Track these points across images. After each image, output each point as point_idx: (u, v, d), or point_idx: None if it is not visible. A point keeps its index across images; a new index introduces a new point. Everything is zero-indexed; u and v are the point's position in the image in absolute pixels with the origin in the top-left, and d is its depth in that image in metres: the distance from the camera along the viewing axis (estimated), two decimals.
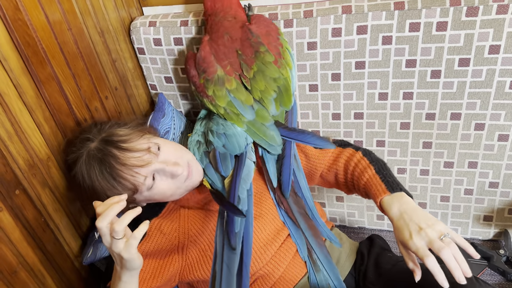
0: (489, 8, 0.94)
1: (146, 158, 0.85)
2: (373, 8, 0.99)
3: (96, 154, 0.84)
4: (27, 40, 0.84)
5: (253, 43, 0.97)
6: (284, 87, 0.98)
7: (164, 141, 0.92)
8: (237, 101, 0.97)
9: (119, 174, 0.83)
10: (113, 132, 0.88)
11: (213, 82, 0.97)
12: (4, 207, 0.80)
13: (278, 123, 0.98)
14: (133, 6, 1.17)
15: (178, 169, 0.86)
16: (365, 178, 0.93)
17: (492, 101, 1.04)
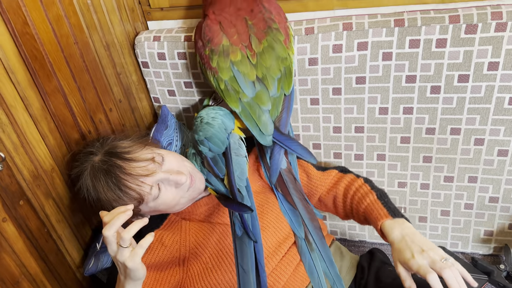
0: (487, 25, 0.96)
1: (151, 168, 0.86)
2: (374, 25, 1.01)
3: (101, 166, 0.85)
4: (35, 54, 0.86)
5: (266, 18, 0.96)
6: (288, 69, 0.98)
7: (167, 151, 0.93)
8: (239, 75, 0.95)
9: (125, 184, 0.84)
10: (115, 144, 0.89)
11: (217, 53, 0.95)
12: (8, 217, 0.81)
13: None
14: (138, 21, 1.20)
15: (182, 177, 0.87)
16: (366, 203, 0.95)
17: (491, 116, 1.05)
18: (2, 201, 0.80)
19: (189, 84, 1.18)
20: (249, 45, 0.95)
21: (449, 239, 1.26)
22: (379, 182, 1.22)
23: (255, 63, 0.95)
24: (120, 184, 0.84)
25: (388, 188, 1.22)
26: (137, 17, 1.19)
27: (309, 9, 1.09)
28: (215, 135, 0.96)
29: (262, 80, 0.96)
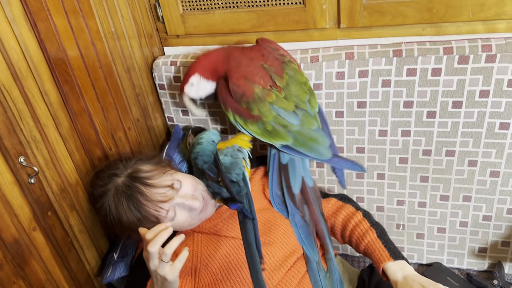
0: (478, 57, 1.04)
1: (169, 194, 0.93)
2: (374, 55, 1.10)
3: (124, 190, 0.91)
4: (65, 78, 0.94)
5: (277, 56, 1.05)
6: (311, 89, 1.06)
7: (183, 175, 1.00)
8: (281, 111, 1.02)
9: (145, 209, 0.91)
10: (138, 168, 0.95)
11: (255, 101, 1.02)
12: (38, 227, 0.89)
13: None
14: (156, 46, 1.29)
15: (196, 203, 0.95)
16: (366, 241, 1.03)
17: (483, 140, 1.13)
18: (33, 211, 0.87)
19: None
20: (274, 84, 1.03)
21: (445, 255, 1.33)
22: (379, 200, 1.29)
23: (284, 96, 1.02)
24: (141, 209, 0.91)
25: (387, 205, 1.30)
26: (154, 43, 1.28)
27: (314, 39, 1.19)
28: (204, 148, 1.04)
29: (298, 107, 1.03)
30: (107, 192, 0.93)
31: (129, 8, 1.16)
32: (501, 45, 1.03)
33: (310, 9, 1.13)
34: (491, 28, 1.08)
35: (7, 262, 0.81)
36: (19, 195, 0.84)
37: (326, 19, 1.14)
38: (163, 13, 1.23)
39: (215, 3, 1.19)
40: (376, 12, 1.10)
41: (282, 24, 1.17)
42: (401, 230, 1.33)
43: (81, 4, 0.97)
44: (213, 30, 1.22)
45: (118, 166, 0.95)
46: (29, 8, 0.85)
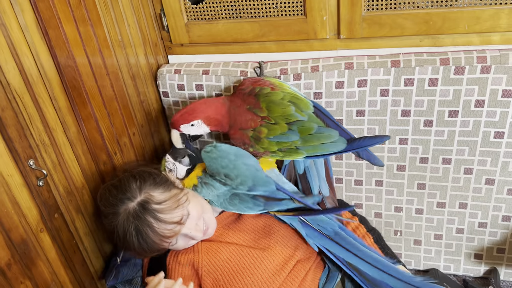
0: (474, 68, 1.08)
1: (177, 230, 0.95)
2: (372, 65, 1.13)
3: (134, 220, 0.92)
4: (74, 84, 0.98)
5: (249, 92, 1.09)
6: (294, 97, 1.08)
7: (192, 200, 1.01)
8: (278, 137, 1.07)
9: (151, 242, 0.94)
10: (151, 195, 0.95)
11: (255, 143, 1.09)
12: (45, 228, 0.91)
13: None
14: (160, 54, 1.32)
15: (199, 234, 1.00)
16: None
17: (479, 148, 1.16)
18: (41, 213, 0.90)
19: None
20: (258, 117, 1.07)
21: (442, 262, 1.35)
22: (377, 207, 1.32)
23: (273, 122, 1.07)
24: (147, 240, 0.93)
25: (385, 212, 1.32)
26: (159, 51, 1.32)
27: (315, 49, 1.22)
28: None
29: (290, 122, 1.06)
30: (117, 214, 0.94)
31: (136, 17, 1.19)
32: (496, 56, 1.07)
33: (311, 20, 1.17)
34: (486, 40, 1.12)
35: (15, 262, 0.83)
36: (28, 197, 0.86)
37: (327, 30, 1.18)
38: (168, 23, 1.27)
39: (218, 14, 1.22)
40: (375, 24, 1.14)
41: (284, 34, 1.21)
42: (399, 236, 1.35)
43: (89, 13, 1.00)
44: (217, 40, 1.26)
45: (131, 187, 0.95)
46: (41, 16, 0.89)
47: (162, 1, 1.24)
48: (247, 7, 1.19)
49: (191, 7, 1.24)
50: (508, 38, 1.10)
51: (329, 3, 1.14)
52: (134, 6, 1.18)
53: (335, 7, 1.14)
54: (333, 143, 1.06)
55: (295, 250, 1.06)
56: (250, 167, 1.06)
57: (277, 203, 1.06)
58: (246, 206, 1.06)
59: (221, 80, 1.23)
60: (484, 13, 1.07)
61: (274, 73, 1.20)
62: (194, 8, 1.24)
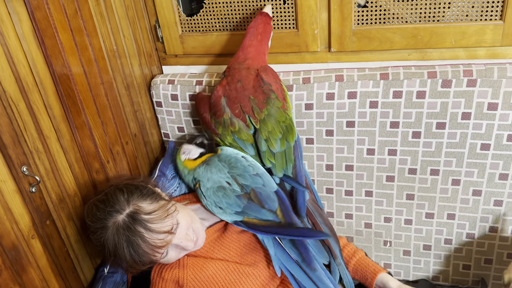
0: (460, 81, 1.11)
1: (168, 239, 0.94)
2: (362, 78, 1.16)
3: (124, 231, 0.91)
4: (69, 92, 0.99)
5: (265, 90, 1.11)
6: (289, 126, 1.12)
7: (181, 211, 1.01)
8: (239, 141, 1.11)
9: (142, 253, 0.92)
10: (139, 206, 0.94)
11: (221, 124, 1.12)
12: (37, 235, 0.91)
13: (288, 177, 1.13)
14: (155, 65, 1.34)
15: (190, 244, 0.99)
16: (357, 258, 1.15)
17: (466, 160, 1.19)
18: (33, 220, 0.90)
19: (197, 122, 1.31)
20: (252, 114, 1.10)
21: (431, 272, 1.36)
22: (367, 217, 1.34)
23: (258, 127, 1.10)
24: (138, 252, 0.92)
25: (375, 222, 1.34)
26: (153, 62, 1.34)
27: (306, 61, 1.25)
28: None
29: (266, 141, 1.10)
30: (106, 228, 0.92)
31: (131, 28, 1.21)
32: (481, 70, 1.10)
33: (302, 34, 1.20)
34: (472, 55, 1.16)
35: (5, 268, 0.83)
36: (20, 203, 0.87)
37: (318, 43, 1.21)
38: (163, 34, 1.29)
39: (212, 26, 1.25)
40: (364, 38, 1.17)
41: (276, 47, 1.23)
42: (388, 247, 1.36)
43: (86, 23, 1.02)
44: (211, 51, 1.28)
45: (119, 200, 0.94)
46: (38, 25, 0.90)
47: (157, 13, 1.26)
48: (240, 19, 1.22)
49: (185, 19, 1.26)
50: (493, 52, 1.14)
51: (320, 18, 1.17)
52: (129, 17, 1.21)
53: (326, 21, 1.18)
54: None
55: None
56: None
57: (258, 208, 1.05)
58: (226, 203, 1.06)
59: None
60: (470, 28, 1.11)
61: None
62: (188, 20, 1.26)
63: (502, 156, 1.16)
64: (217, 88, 1.14)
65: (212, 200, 1.08)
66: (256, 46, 1.14)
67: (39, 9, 0.90)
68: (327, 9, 1.16)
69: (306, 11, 1.16)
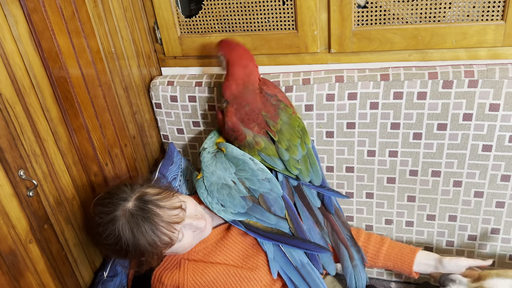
0: (461, 82, 1.10)
1: (182, 215, 0.95)
2: (362, 79, 1.15)
3: (139, 212, 0.90)
4: (66, 95, 0.98)
5: (274, 102, 1.11)
6: (304, 129, 1.13)
7: (185, 197, 1.02)
8: (267, 157, 1.11)
9: (162, 230, 0.91)
10: (145, 191, 0.95)
11: (245, 146, 1.12)
12: (34, 239, 0.90)
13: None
14: (153, 66, 1.34)
15: (201, 222, 0.99)
16: (387, 244, 1.13)
17: (467, 161, 1.18)
18: (30, 224, 0.89)
19: (197, 124, 1.31)
20: (268, 128, 1.10)
21: None
22: (367, 219, 1.33)
23: (277, 139, 1.10)
24: (157, 231, 0.91)
25: (376, 224, 1.33)
26: (152, 63, 1.33)
27: (306, 62, 1.24)
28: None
29: (287, 150, 1.10)
30: (118, 217, 0.91)
31: (129, 29, 1.20)
32: (483, 71, 1.09)
33: (302, 35, 1.19)
34: (473, 55, 1.15)
35: (2, 273, 0.82)
36: (18, 207, 0.86)
37: (318, 44, 1.20)
38: (162, 35, 1.28)
39: (211, 27, 1.24)
40: (364, 39, 1.16)
41: (276, 48, 1.22)
42: None
43: (83, 25, 1.01)
44: (210, 52, 1.28)
45: (123, 190, 0.94)
46: (34, 28, 0.90)
47: (155, 14, 1.25)
48: (239, 21, 1.21)
49: (184, 20, 1.25)
50: (494, 53, 1.13)
51: (320, 18, 1.16)
52: (128, 18, 1.20)
53: (326, 22, 1.17)
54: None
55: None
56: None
57: (262, 212, 1.05)
58: (230, 202, 1.05)
59: (214, 92, 1.24)
60: (471, 28, 1.10)
61: None
62: (187, 22, 1.26)
63: (504, 157, 1.15)
64: (228, 116, 1.12)
65: (214, 196, 1.07)
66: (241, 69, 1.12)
67: (35, 11, 0.89)
68: (326, 10, 1.15)
69: (306, 12, 1.15)
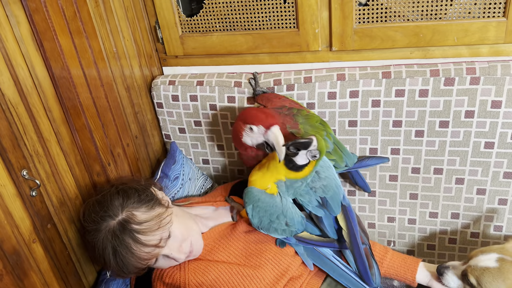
0: (463, 79, 1.10)
1: (155, 253, 0.94)
2: (364, 76, 1.15)
3: (113, 240, 0.91)
4: (68, 95, 0.98)
5: (287, 113, 1.08)
6: (322, 121, 1.12)
7: (178, 221, 1.00)
8: (326, 161, 1.07)
9: (127, 263, 0.92)
10: (132, 214, 0.93)
11: None
12: (38, 239, 0.91)
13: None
14: (155, 66, 1.34)
15: (180, 257, 0.97)
16: (390, 253, 1.12)
17: (469, 158, 1.18)
18: (33, 224, 0.90)
19: (198, 123, 1.31)
20: (295, 137, 1.05)
21: None
22: (370, 217, 1.33)
23: None
24: (123, 262, 0.92)
25: (378, 222, 1.33)
26: (154, 63, 1.33)
27: (308, 60, 1.24)
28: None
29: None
30: (98, 231, 0.93)
31: (130, 29, 1.21)
32: (485, 68, 1.09)
33: (303, 33, 1.19)
34: (475, 52, 1.14)
35: (7, 273, 0.82)
36: (21, 207, 0.86)
37: (319, 42, 1.20)
38: (163, 35, 1.28)
39: (213, 26, 1.24)
40: (366, 36, 1.16)
41: (277, 47, 1.22)
42: (392, 246, 1.35)
43: (85, 25, 1.01)
44: (211, 52, 1.28)
45: (113, 205, 0.94)
46: (36, 28, 0.90)
47: (157, 13, 1.25)
48: (240, 20, 1.22)
49: (185, 19, 1.26)
50: (496, 50, 1.13)
51: (321, 16, 1.16)
52: (129, 18, 1.20)
53: (327, 20, 1.17)
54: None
55: (287, 268, 1.03)
56: (337, 181, 1.07)
57: (312, 227, 1.06)
58: (297, 221, 1.03)
59: (215, 91, 1.24)
60: (473, 25, 1.10)
61: (268, 83, 1.22)
62: (188, 21, 1.26)
63: (506, 154, 1.15)
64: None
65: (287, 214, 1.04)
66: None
67: (37, 12, 0.89)
68: (328, 8, 1.15)
69: (307, 10, 1.15)
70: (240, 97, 1.23)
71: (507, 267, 0.93)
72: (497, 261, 0.94)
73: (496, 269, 0.93)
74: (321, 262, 1.07)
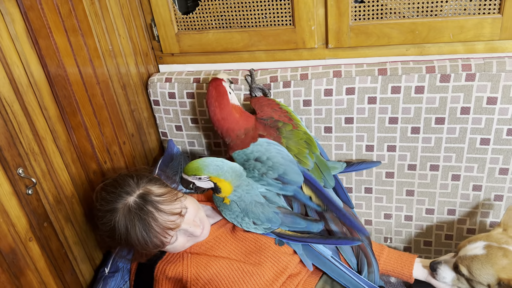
0: (459, 76, 1.10)
1: (178, 222, 0.95)
2: (360, 73, 1.15)
3: (136, 211, 0.92)
4: (64, 93, 0.98)
5: (271, 125, 1.10)
6: (308, 139, 1.12)
7: (188, 200, 1.01)
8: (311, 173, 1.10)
9: (154, 233, 0.92)
10: (149, 189, 0.95)
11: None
12: (34, 237, 0.90)
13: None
14: (151, 64, 1.33)
15: (197, 230, 0.99)
16: (386, 251, 1.14)
17: (465, 155, 1.18)
18: (30, 222, 0.89)
19: (195, 121, 1.31)
20: None
21: None
22: (367, 214, 1.33)
23: None
24: (150, 233, 0.92)
25: (375, 219, 1.33)
26: (150, 60, 1.33)
27: (304, 58, 1.24)
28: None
29: (300, 163, 1.08)
30: (117, 209, 0.93)
31: (126, 27, 1.20)
32: (480, 64, 1.09)
33: (299, 30, 1.19)
34: (470, 49, 1.15)
35: (3, 271, 0.82)
36: (17, 205, 0.86)
37: (315, 39, 1.20)
38: (159, 33, 1.28)
39: (209, 24, 1.24)
40: (362, 34, 1.16)
41: (273, 44, 1.22)
42: (389, 243, 1.36)
43: (80, 23, 1.01)
44: (207, 49, 1.28)
45: (129, 183, 0.95)
46: (31, 26, 0.89)
47: (152, 11, 1.25)
48: (236, 17, 1.21)
49: (181, 17, 1.25)
50: (491, 46, 1.13)
51: (317, 14, 1.16)
52: (125, 16, 1.20)
53: (323, 17, 1.17)
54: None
55: (286, 266, 1.04)
56: (283, 153, 1.07)
57: (292, 219, 1.06)
58: (266, 220, 1.05)
59: None
60: (468, 22, 1.10)
61: (264, 80, 1.22)
62: (184, 18, 1.25)
63: (502, 150, 1.15)
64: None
65: (250, 217, 1.06)
66: (226, 112, 1.09)
67: (32, 9, 0.88)
68: (323, 5, 1.15)
69: (303, 7, 1.15)
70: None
71: (494, 253, 0.96)
72: (484, 248, 0.97)
73: (484, 256, 0.96)
74: (320, 262, 1.08)
